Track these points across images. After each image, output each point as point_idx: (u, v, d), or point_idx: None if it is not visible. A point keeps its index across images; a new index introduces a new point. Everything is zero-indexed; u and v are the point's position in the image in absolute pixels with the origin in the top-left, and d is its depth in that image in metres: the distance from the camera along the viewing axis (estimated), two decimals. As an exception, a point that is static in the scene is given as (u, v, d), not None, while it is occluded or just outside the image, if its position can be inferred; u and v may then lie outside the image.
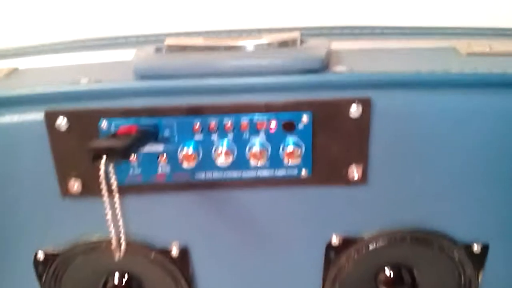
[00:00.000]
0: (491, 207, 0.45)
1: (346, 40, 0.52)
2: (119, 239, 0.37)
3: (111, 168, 0.35)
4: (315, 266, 0.47)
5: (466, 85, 0.41)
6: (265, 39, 0.45)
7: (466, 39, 0.51)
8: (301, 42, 0.45)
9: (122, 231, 0.37)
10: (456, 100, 0.41)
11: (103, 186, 0.35)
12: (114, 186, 0.35)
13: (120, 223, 0.37)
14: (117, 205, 0.37)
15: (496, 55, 0.47)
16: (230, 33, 0.56)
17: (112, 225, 0.37)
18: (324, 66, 0.41)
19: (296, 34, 0.46)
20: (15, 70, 0.49)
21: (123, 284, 0.49)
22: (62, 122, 0.39)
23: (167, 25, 0.59)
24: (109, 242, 0.44)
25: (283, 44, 0.45)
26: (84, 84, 0.41)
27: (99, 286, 0.50)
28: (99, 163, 0.32)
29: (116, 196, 0.37)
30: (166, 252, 0.46)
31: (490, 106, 0.41)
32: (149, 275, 0.48)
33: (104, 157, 0.32)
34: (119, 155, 0.33)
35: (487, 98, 0.41)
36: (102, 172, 0.33)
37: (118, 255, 0.37)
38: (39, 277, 0.48)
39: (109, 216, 0.36)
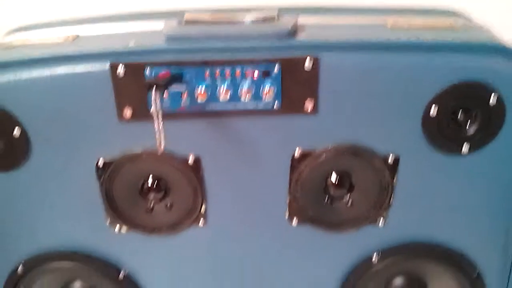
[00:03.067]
0: (401, 131, 0.62)
1: (312, 16, 0.70)
2: (160, 142, 0.56)
3: (158, 98, 0.54)
4: (284, 171, 0.64)
5: (381, 49, 0.59)
6: (253, 15, 0.63)
7: (395, 16, 0.70)
8: (278, 18, 0.63)
9: (162, 137, 0.56)
10: (372, 60, 0.59)
11: (154, 106, 0.54)
12: (158, 108, 0.54)
13: (162, 132, 0.56)
14: (160, 120, 0.55)
15: (414, 29, 0.65)
16: (230, 10, 0.74)
17: (157, 133, 0.56)
18: (290, 35, 0.60)
19: (274, 12, 0.64)
20: (77, 36, 0.66)
21: (155, 184, 0.66)
22: (121, 70, 0.58)
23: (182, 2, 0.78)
24: (147, 153, 0.63)
25: (265, 19, 0.63)
26: (132, 45, 0.61)
27: (139, 186, 0.66)
28: (152, 91, 0.53)
29: (160, 114, 0.55)
30: (185, 161, 0.64)
31: (395, 64, 0.59)
32: (172, 177, 0.65)
33: (155, 87, 0.53)
34: (162, 86, 0.54)
35: (393, 59, 0.59)
36: (153, 95, 0.53)
37: (160, 151, 0.56)
38: (99, 178, 0.64)
39: (156, 127, 0.55)
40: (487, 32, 0.66)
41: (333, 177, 0.67)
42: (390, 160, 0.64)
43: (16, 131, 0.62)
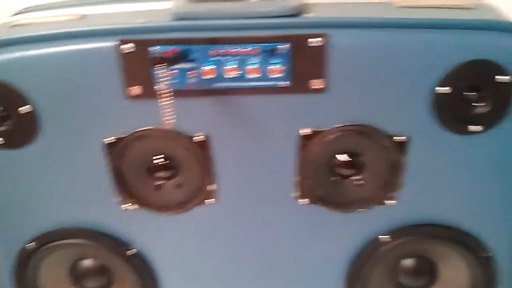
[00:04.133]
0: (410, 111, 0.61)
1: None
2: (167, 118, 0.56)
3: (166, 74, 0.55)
4: (293, 149, 0.64)
5: (391, 27, 0.58)
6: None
7: None
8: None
9: (169, 113, 0.56)
10: (382, 38, 0.58)
11: (160, 82, 0.54)
12: (165, 83, 0.55)
13: (169, 108, 0.56)
14: (167, 96, 0.56)
15: (421, 7, 0.64)
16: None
17: (163, 109, 0.56)
18: (299, 12, 0.60)
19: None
20: (85, 15, 0.66)
21: (164, 162, 0.66)
22: (128, 47, 0.58)
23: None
24: (156, 131, 0.63)
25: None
26: (140, 22, 0.60)
27: (148, 164, 0.66)
28: (160, 66, 0.53)
29: (166, 90, 0.56)
30: (193, 139, 0.64)
31: (405, 43, 0.58)
32: (181, 156, 0.65)
33: (161, 63, 0.53)
34: (169, 62, 0.54)
35: (402, 37, 0.58)
36: (162, 71, 0.53)
37: (166, 127, 0.57)
38: (108, 156, 0.65)
39: (162, 103, 0.55)
40: (496, 11, 0.65)
41: (342, 157, 0.66)
42: (399, 140, 0.64)
43: (25, 108, 0.62)
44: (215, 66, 0.59)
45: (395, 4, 0.65)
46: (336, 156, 0.66)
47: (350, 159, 0.66)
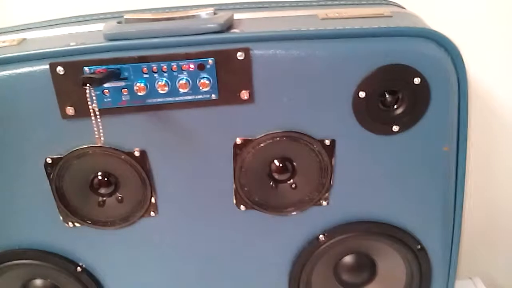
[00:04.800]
0: (334, 115, 0.65)
1: (249, 12, 0.74)
2: (100, 136, 0.59)
3: (93, 93, 0.58)
4: (228, 159, 0.67)
5: (308, 38, 0.63)
6: (190, 13, 0.66)
7: (329, 8, 0.74)
8: (214, 14, 0.66)
9: (101, 129, 0.59)
10: (300, 48, 0.62)
11: (90, 103, 0.57)
12: (95, 104, 0.57)
13: (100, 125, 0.59)
14: (97, 114, 0.58)
15: (343, 18, 0.69)
16: (171, 9, 0.77)
17: (95, 127, 0.59)
18: (223, 29, 0.63)
19: (211, 9, 0.67)
20: (24, 40, 0.69)
21: (105, 178, 0.68)
22: (60, 69, 0.60)
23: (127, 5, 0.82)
24: (94, 148, 0.65)
25: (201, 16, 0.65)
26: (73, 45, 0.63)
27: (89, 181, 0.69)
28: (87, 87, 0.55)
29: (96, 108, 0.58)
30: (131, 154, 0.66)
31: (322, 52, 0.62)
32: (121, 171, 0.68)
33: (89, 83, 0.55)
34: (98, 82, 0.56)
35: (320, 47, 0.62)
36: (88, 93, 0.56)
37: (100, 143, 0.59)
38: (48, 175, 0.66)
39: (93, 121, 0.58)
40: (415, 18, 0.70)
41: (276, 162, 0.70)
42: (326, 143, 0.67)
43: (-36, 134, 0.63)
44: (147, 83, 0.62)
45: (319, 17, 0.69)
46: (270, 162, 0.70)
47: (283, 165, 0.70)
